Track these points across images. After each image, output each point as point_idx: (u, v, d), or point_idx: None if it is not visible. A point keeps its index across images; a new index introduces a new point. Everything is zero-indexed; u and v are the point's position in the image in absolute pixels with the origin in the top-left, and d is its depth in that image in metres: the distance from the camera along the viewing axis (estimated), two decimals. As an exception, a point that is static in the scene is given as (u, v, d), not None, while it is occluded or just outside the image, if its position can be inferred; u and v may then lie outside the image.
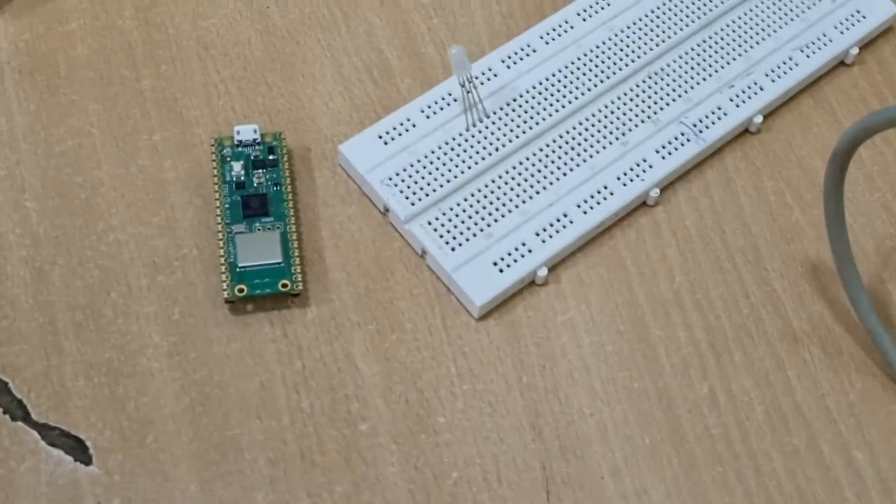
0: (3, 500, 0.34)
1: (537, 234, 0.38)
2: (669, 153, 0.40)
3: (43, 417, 0.35)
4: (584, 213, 0.39)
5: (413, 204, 0.38)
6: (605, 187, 0.39)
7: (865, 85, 0.43)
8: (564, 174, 0.39)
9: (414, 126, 0.40)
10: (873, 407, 0.37)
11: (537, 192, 0.39)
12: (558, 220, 0.39)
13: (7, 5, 0.42)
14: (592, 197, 0.39)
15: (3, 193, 0.39)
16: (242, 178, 0.39)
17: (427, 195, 0.39)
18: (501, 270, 0.38)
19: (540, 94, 0.41)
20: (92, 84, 0.41)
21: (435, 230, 0.38)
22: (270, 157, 0.39)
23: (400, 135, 0.40)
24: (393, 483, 0.35)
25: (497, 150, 0.40)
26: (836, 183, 0.34)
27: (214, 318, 0.37)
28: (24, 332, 0.36)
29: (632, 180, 0.40)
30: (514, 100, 0.41)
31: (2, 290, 0.37)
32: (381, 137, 0.40)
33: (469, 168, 0.39)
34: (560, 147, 0.40)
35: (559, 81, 0.41)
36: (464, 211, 0.38)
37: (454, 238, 0.38)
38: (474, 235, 0.38)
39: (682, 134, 0.40)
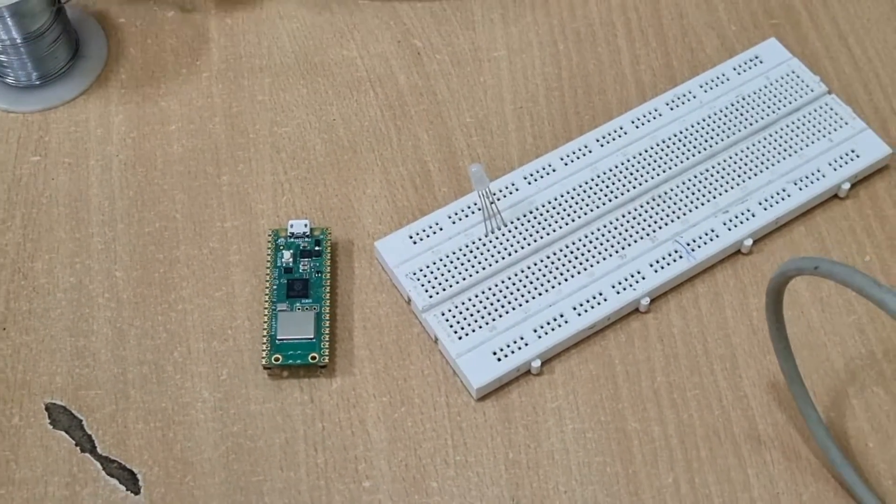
0: (66, 516, 0.41)
1: (535, 331, 0.44)
2: (662, 267, 0.45)
3: (106, 451, 0.43)
4: (579, 315, 0.44)
5: (431, 297, 0.45)
6: (601, 293, 0.45)
7: (856, 217, 0.48)
8: (566, 279, 0.45)
9: (441, 229, 0.46)
10: (822, 509, 0.41)
11: (539, 294, 0.45)
12: (555, 320, 0.44)
13: (122, 107, 0.51)
14: (588, 301, 0.45)
15: (99, 263, 0.47)
16: (291, 264, 0.46)
17: (444, 290, 0.45)
18: (500, 359, 0.44)
19: (554, 208, 0.47)
20: (181, 177, 0.49)
21: (447, 320, 0.44)
22: (316, 248, 0.46)
23: (428, 236, 0.46)
24: (383, 534, 0.41)
25: (510, 254, 0.46)
26: (773, 312, 0.39)
27: (255, 381, 0.44)
28: (100, 380, 0.44)
29: (625, 289, 0.45)
30: (531, 212, 0.47)
31: (88, 343, 0.45)
32: (411, 237, 0.46)
33: (483, 269, 0.45)
34: (565, 256, 0.46)
35: (572, 198, 0.47)
36: (473, 306, 0.45)
37: (462, 328, 0.44)
38: (480, 327, 0.44)
39: (676, 251, 0.46)
